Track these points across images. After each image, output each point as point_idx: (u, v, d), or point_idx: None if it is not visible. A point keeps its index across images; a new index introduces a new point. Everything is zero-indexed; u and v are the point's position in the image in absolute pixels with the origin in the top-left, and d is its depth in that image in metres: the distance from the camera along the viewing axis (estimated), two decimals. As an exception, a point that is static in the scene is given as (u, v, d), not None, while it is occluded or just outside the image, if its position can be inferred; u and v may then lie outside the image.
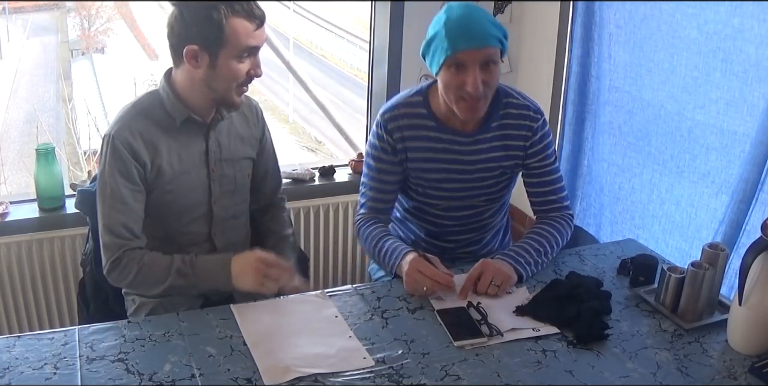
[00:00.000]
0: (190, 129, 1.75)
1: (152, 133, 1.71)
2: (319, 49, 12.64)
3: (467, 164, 1.90)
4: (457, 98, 1.76)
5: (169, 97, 1.72)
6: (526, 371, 1.47)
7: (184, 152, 1.75)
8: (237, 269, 1.68)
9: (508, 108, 1.89)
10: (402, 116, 1.88)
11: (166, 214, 1.78)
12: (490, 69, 1.73)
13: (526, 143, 1.90)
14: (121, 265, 1.68)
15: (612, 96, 2.38)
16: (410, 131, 1.88)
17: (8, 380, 1.39)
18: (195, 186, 1.78)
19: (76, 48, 11.69)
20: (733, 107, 1.95)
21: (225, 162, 1.81)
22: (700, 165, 2.09)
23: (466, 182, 1.92)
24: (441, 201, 1.96)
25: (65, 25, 11.87)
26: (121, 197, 1.69)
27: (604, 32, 2.36)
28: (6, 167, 7.63)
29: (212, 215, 1.83)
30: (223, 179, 1.82)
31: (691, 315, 1.64)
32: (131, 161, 1.68)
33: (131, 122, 1.70)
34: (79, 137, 8.16)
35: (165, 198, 1.75)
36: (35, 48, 11.35)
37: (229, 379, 1.42)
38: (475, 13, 1.72)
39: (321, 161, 3.15)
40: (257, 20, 1.64)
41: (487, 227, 2.07)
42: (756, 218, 1.89)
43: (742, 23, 1.88)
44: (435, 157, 1.89)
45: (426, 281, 1.68)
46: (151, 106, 1.73)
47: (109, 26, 12.03)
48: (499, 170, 1.93)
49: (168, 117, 1.72)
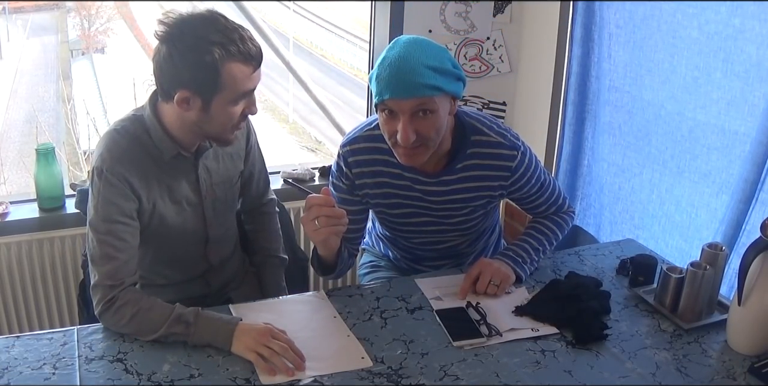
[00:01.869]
0: (178, 161, 1.65)
1: (144, 165, 1.60)
2: (319, 49, 12.63)
3: (432, 203, 1.79)
4: (392, 143, 1.64)
5: (156, 131, 1.60)
6: (525, 371, 1.47)
7: (175, 183, 1.67)
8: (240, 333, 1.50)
9: (476, 147, 1.73)
10: (362, 151, 1.75)
11: (161, 244, 1.71)
12: (427, 117, 1.58)
13: (506, 182, 1.77)
14: (115, 307, 1.53)
15: (612, 96, 2.37)
16: (370, 167, 1.76)
17: (7, 380, 1.38)
18: (189, 216, 1.72)
19: (76, 48, 11.67)
20: (733, 107, 1.95)
21: (216, 186, 1.74)
22: (700, 165, 2.09)
23: (434, 217, 1.82)
24: (412, 235, 1.89)
25: (65, 25, 11.86)
26: (117, 234, 1.56)
27: (604, 32, 2.36)
28: (6, 167, 7.62)
29: (207, 237, 1.78)
30: (216, 202, 1.76)
31: (690, 315, 1.64)
32: (129, 196, 1.58)
33: (122, 152, 1.58)
34: (79, 137, 8.16)
35: (159, 230, 1.68)
36: (35, 48, 11.35)
37: (228, 379, 1.42)
38: (415, 56, 1.55)
39: (321, 161, 3.15)
40: (254, 62, 1.51)
41: (468, 254, 1.99)
42: (756, 218, 1.89)
43: (743, 23, 1.88)
44: (398, 193, 1.78)
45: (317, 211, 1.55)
46: (139, 133, 1.61)
47: (109, 26, 12.01)
48: (469, 208, 1.81)
49: (155, 148, 1.61)
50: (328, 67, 11.85)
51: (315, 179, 2.77)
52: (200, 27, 1.47)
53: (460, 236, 1.90)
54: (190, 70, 1.47)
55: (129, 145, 1.59)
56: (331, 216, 1.56)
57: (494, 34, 2.75)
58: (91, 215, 1.58)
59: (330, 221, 1.57)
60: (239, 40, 1.49)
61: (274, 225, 2.00)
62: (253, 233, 1.99)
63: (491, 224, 2.01)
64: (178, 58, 1.47)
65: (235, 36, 1.48)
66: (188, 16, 1.49)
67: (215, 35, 1.46)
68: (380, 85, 1.57)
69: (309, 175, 2.76)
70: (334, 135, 7.92)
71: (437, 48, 1.60)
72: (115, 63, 11.15)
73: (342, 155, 1.78)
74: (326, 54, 12.48)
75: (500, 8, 2.72)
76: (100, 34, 11.98)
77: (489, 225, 1.99)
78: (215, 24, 1.48)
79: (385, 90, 1.56)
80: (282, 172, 2.72)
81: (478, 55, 2.77)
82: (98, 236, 1.56)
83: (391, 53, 1.58)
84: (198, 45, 1.46)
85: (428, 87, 1.55)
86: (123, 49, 11.83)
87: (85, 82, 10.58)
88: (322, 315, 1.65)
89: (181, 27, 1.47)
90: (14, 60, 10.76)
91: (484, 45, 2.76)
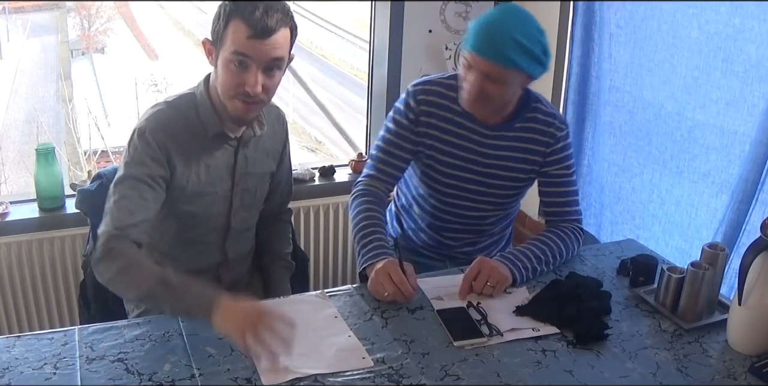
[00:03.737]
0: (221, 142, 1.70)
1: (185, 139, 1.65)
2: (319, 49, 12.62)
3: (483, 157, 1.89)
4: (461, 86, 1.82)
5: (205, 106, 1.65)
6: (526, 371, 1.47)
7: (213, 163, 1.70)
8: (225, 308, 1.43)
9: (535, 112, 1.89)
10: (434, 93, 1.88)
11: (184, 223, 1.74)
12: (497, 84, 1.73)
13: (547, 149, 1.90)
14: (112, 254, 1.53)
15: (612, 96, 2.38)
16: (437, 109, 1.88)
17: (8, 380, 1.38)
18: (217, 199, 1.74)
19: (76, 48, 11.66)
20: (733, 107, 1.95)
21: (249, 176, 1.78)
22: (700, 165, 2.09)
23: (477, 174, 1.91)
24: (448, 189, 1.94)
25: (65, 25, 11.85)
26: (140, 190, 1.59)
27: (604, 32, 2.36)
28: (6, 167, 7.61)
29: (229, 227, 1.81)
30: (245, 193, 1.79)
31: (690, 315, 1.64)
32: (163, 163, 1.61)
33: (168, 122, 1.63)
34: (80, 137, 8.15)
35: (185, 208, 1.71)
36: (35, 48, 11.34)
37: (229, 379, 1.42)
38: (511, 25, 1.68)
39: (321, 161, 3.15)
40: (254, 29, 1.52)
41: (487, 233, 2.06)
42: (756, 218, 1.89)
43: (742, 23, 1.88)
44: (454, 142, 1.88)
45: (390, 287, 1.65)
46: (188, 109, 1.66)
47: (109, 26, 12.00)
48: (511, 174, 1.92)
49: (201, 125, 1.66)
50: (328, 67, 11.84)
51: (315, 179, 2.77)
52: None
53: (491, 204, 1.96)
54: (214, 20, 1.58)
55: (176, 117, 1.64)
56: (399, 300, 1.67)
57: (494, 34, 2.75)
58: (119, 173, 1.61)
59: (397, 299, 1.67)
60: (261, 7, 1.53)
61: (287, 233, 2.04)
62: (266, 236, 2.00)
63: (514, 212, 2.09)
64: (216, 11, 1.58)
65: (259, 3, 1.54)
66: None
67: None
68: (470, 35, 1.72)
69: (309, 175, 2.76)
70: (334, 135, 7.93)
71: (536, 29, 1.71)
72: (115, 63, 11.15)
73: (412, 93, 1.89)
74: (326, 54, 12.47)
75: (500, 8, 2.72)
76: (100, 34, 11.97)
77: (513, 212, 2.07)
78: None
79: (471, 41, 1.71)
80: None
81: (478, 55, 2.77)
82: (121, 190, 1.58)
83: (494, 12, 1.72)
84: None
85: (506, 59, 1.68)
86: (123, 49, 11.82)
87: (85, 82, 10.57)
88: (323, 315, 1.65)
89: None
90: (14, 60, 10.75)
91: (484, 45, 2.75)
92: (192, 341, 1.52)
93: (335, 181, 2.80)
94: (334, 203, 2.76)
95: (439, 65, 2.75)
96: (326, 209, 2.76)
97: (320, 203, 2.75)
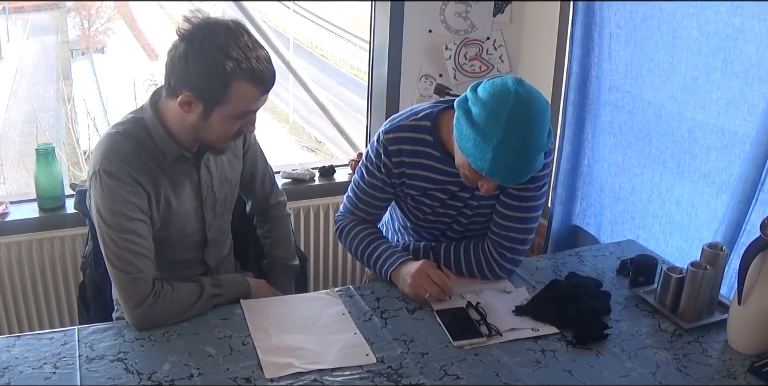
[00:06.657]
0: (181, 163, 1.65)
1: (150, 167, 1.59)
2: (319, 49, 12.63)
3: (470, 199, 1.78)
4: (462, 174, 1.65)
5: (158, 132, 1.59)
6: (526, 371, 1.47)
7: (178, 186, 1.66)
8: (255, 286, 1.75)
9: None
10: (405, 140, 1.72)
11: (160, 246, 1.66)
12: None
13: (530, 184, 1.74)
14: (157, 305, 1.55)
15: (612, 96, 2.37)
16: (411, 158, 1.74)
17: (8, 379, 1.39)
18: (189, 218, 1.71)
19: (76, 48, 11.67)
20: (733, 107, 1.95)
21: (216, 188, 1.74)
22: (700, 165, 2.09)
23: (464, 217, 1.82)
24: (439, 225, 1.87)
25: (65, 25, 11.86)
26: (138, 232, 1.56)
27: (604, 32, 2.36)
28: (6, 167, 7.62)
29: (206, 240, 1.78)
30: (216, 204, 1.76)
31: (690, 315, 1.64)
32: (141, 193, 1.57)
33: (128, 154, 1.56)
34: (79, 137, 8.16)
35: (161, 234, 1.66)
36: (35, 48, 11.34)
37: (228, 379, 1.42)
38: (533, 140, 1.48)
39: (321, 161, 3.15)
40: (265, 85, 1.52)
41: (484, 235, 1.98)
42: (756, 218, 1.89)
43: (742, 23, 1.88)
44: (435, 187, 1.76)
45: (433, 287, 1.65)
46: (142, 136, 1.59)
47: (109, 26, 12.01)
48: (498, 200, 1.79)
49: (158, 150, 1.60)
50: (328, 67, 11.85)
51: (315, 179, 2.77)
52: (222, 37, 1.47)
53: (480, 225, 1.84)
54: (201, 76, 1.48)
55: (133, 147, 1.58)
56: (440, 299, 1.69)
57: (494, 34, 2.75)
58: (105, 216, 1.55)
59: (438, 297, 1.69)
60: (255, 60, 1.49)
61: (284, 231, 2.00)
62: (264, 238, 1.99)
63: None
64: (192, 61, 1.47)
65: (252, 55, 1.49)
66: (213, 22, 1.49)
67: (234, 51, 1.47)
68: (489, 164, 1.49)
69: (309, 175, 2.76)
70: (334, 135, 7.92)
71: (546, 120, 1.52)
72: (115, 63, 11.15)
73: (383, 142, 1.74)
74: (326, 54, 12.48)
75: (500, 8, 2.73)
76: (100, 34, 11.98)
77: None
78: (237, 39, 1.48)
79: (495, 172, 1.51)
80: (282, 172, 2.72)
81: (478, 55, 2.77)
82: (121, 236, 1.54)
83: (510, 133, 1.47)
84: (215, 55, 1.46)
85: (535, 170, 1.55)
86: (123, 49, 11.83)
87: (85, 82, 10.58)
88: (331, 311, 1.66)
89: (204, 31, 1.47)
90: (14, 60, 10.75)
91: (484, 45, 2.76)
92: (191, 341, 1.53)
93: (335, 181, 2.80)
94: (334, 203, 2.76)
95: (439, 65, 2.76)
96: (326, 209, 2.76)
97: (320, 203, 2.75)
